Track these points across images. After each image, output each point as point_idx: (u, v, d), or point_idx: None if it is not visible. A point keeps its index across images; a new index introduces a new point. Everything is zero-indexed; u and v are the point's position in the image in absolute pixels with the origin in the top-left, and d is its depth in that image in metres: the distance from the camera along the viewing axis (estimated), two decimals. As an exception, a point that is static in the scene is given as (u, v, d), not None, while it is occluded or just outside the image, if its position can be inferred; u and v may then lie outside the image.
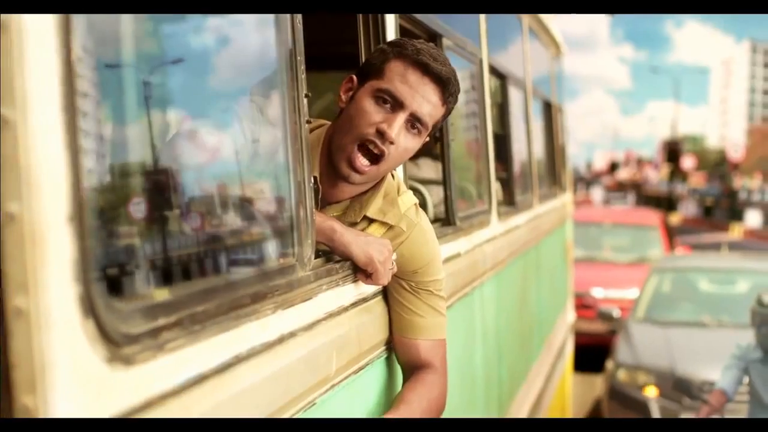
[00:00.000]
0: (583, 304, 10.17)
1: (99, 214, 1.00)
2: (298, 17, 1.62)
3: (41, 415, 0.90)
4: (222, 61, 1.46)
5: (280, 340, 1.45)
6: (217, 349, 1.23)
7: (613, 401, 7.36)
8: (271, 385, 1.40)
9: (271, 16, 1.54)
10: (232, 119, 1.48)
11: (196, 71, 1.41)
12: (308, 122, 1.67)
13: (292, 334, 1.50)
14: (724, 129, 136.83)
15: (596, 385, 9.15)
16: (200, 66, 1.41)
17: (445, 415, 2.10)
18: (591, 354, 9.70)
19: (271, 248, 1.53)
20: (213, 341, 1.22)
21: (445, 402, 2.06)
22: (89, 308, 0.96)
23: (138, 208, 1.16)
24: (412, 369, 2.03)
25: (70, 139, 0.94)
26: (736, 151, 43.07)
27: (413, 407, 1.89)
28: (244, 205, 1.50)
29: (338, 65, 5.12)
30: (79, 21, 0.96)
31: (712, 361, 5.66)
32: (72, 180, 0.94)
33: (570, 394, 8.04)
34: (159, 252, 1.19)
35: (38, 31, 0.90)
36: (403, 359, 2.05)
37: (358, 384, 1.86)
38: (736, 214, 36.08)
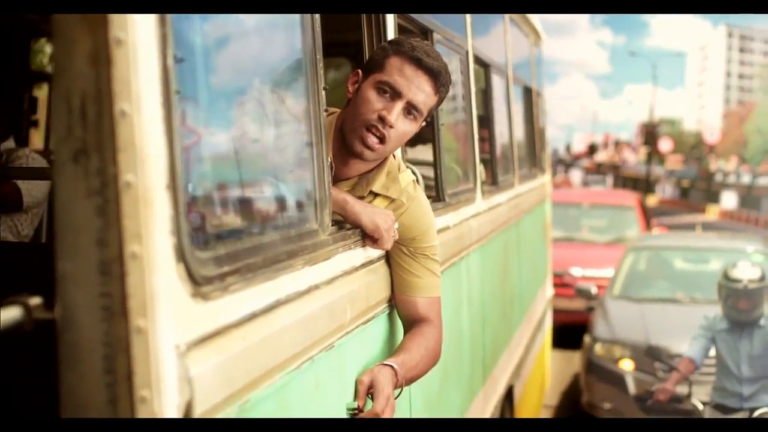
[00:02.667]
0: (562, 283, 10.39)
1: (186, 185, 1.30)
2: (317, 20, 1.92)
3: (150, 335, 1.20)
4: (260, 59, 1.76)
5: (308, 290, 1.75)
6: (263, 293, 1.54)
7: (591, 374, 7.56)
8: (302, 326, 1.70)
9: (297, 23, 1.84)
10: (267, 110, 1.78)
11: (233, 69, 1.71)
12: (326, 110, 1.98)
13: (316, 287, 1.80)
14: (700, 112, 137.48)
15: (575, 361, 9.34)
16: (241, 64, 1.71)
17: (434, 370, 2.40)
18: (570, 332, 9.86)
19: (300, 215, 1.83)
20: (260, 287, 1.53)
21: (440, 351, 2.34)
22: (181, 255, 1.27)
23: (213, 182, 1.47)
24: (412, 323, 2.31)
25: (167, 127, 1.24)
26: (712, 134, 43.60)
27: (412, 353, 2.19)
28: (280, 181, 1.79)
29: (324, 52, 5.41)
30: (170, 34, 1.26)
31: (685, 336, 5.76)
32: (169, 158, 1.24)
33: (549, 366, 8.34)
34: (225, 214, 1.49)
35: (145, 44, 1.20)
36: (404, 314, 2.34)
37: (367, 332, 2.16)
38: (712, 195, 36.67)
